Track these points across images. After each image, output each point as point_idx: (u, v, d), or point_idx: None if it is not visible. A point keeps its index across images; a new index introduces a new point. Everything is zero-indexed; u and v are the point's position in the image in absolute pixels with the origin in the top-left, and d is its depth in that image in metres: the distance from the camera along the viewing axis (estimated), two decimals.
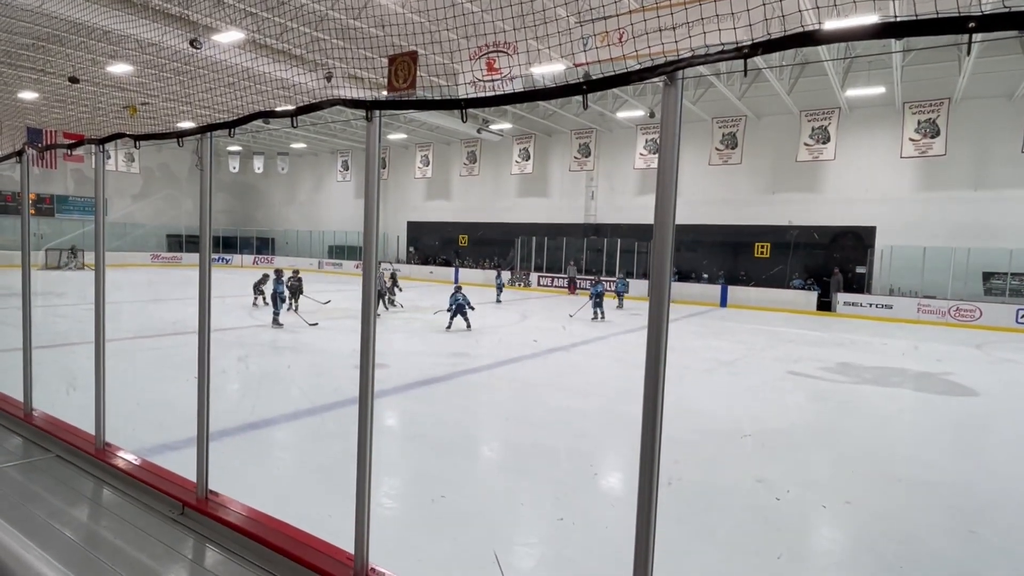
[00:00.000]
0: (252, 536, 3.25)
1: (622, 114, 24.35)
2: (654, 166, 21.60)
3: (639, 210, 26.40)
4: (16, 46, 18.40)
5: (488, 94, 2.76)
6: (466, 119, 2.93)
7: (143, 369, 9.07)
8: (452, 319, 14.00)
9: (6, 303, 13.54)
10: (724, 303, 23.36)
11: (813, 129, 20.51)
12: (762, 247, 24.22)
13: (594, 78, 2.28)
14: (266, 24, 15.94)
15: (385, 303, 17.33)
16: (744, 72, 2.13)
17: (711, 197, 24.36)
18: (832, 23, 8.50)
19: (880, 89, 19.37)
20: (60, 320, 13.38)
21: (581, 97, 2.41)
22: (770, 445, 6.59)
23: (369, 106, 2.88)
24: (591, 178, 28.20)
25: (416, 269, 31.78)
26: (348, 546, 2.99)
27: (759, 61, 16.54)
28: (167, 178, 37.18)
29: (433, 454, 5.97)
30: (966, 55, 16.39)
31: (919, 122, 18.80)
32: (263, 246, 40.14)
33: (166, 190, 36.91)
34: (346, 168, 35.47)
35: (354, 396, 3.04)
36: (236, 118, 3.46)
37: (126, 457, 4.26)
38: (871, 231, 22.02)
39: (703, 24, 2.95)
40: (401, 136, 31.81)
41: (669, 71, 2.08)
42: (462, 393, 8.69)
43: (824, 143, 20.38)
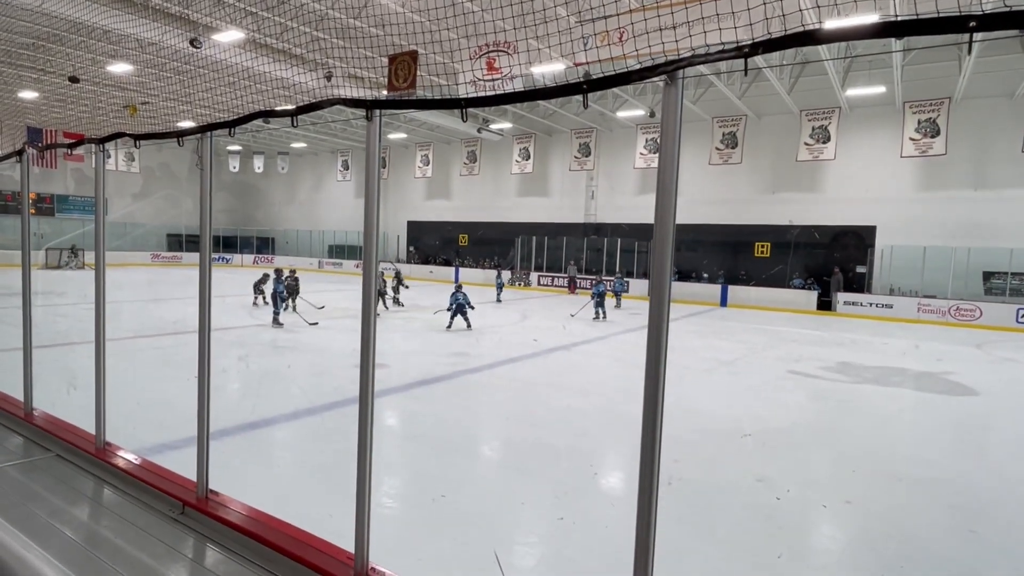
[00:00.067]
0: (252, 535, 3.25)
1: (622, 114, 24.33)
2: (654, 166, 21.65)
3: (639, 210, 26.38)
4: (16, 46, 18.40)
5: (488, 94, 2.76)
6: (466, 119, 2.93)
7: (143, 368, 9.07)
8: (452, 319, 14.00)
9: (6, 303, 13.53)
10: (724, 303, 23.35)
11: (813, 129, 20.50)
12: (762, 247, 24.21)
13: (594, 77, 2.27)
14: (266, 23, 15.94)
15: (385, 303, 17.34)
16: (744, 72, 2.12)
17: (711, 197, 24.34)
18: (832, 22, 8.49)
19: (880, 88, 19.36)
20: (60, 319, 13.38)
21: (581, 97, 2.40)
22: (770, 444, 6.59)
23: (369, 105, 2.87)
24: (591, 178, 28.18)
25: (416, 269, 31.75)
26: (348, 545, 2.99)
27: (759, 60, 16.53)
28: (167, 177, 37.18)
29: (433, 454, 5.97)
30: (967, 54, 16.37)
31: (919, 121, 18.80)
32: (263, 246, 40.14)
33: (166, 189, 36.92)
34: (346, 167, 35.46)
35: (354, 395, 3.04)
36: (236, 117, 3.46)
37: (126, 456, 4.26)
38: (871, 231, 22.01)
39: (703, 23, 2.95)
40: (401, 136, 31.80)
41: (669, 71, 2.08)
42: (462, 393, 8.68)
43: (824, 143, 20.37)
